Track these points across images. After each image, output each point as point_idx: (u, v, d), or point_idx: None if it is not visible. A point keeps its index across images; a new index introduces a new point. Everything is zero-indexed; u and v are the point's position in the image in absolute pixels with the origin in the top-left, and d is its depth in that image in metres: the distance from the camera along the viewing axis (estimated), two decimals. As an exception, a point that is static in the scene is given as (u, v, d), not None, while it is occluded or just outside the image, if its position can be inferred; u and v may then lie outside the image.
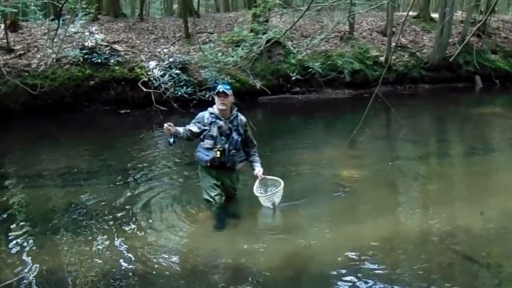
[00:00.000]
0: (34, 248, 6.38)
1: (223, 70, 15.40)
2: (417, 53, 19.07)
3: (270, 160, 9.35)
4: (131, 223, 7.00)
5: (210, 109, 7.19)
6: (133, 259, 5.98)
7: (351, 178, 8.81)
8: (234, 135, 7.13)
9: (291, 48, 17.18)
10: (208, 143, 7.12)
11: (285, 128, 13.04)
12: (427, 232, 6.63)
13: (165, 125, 7.09)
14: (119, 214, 7.26)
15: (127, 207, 7.54)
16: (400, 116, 12.50)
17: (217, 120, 7.10)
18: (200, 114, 7.25)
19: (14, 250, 6.30)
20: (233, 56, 15.27)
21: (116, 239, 6.50)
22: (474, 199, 7.64)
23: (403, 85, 18.24)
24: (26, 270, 5.78)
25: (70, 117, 13.58)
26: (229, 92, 7.04)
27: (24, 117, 13.23)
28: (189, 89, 14.60)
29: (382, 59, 18.05)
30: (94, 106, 14.56)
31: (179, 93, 14.49)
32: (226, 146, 7.07)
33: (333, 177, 8.90)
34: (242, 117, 7.27)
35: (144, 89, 14.57)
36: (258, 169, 7.33)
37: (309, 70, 16.44)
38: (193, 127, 7.17)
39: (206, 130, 7.12)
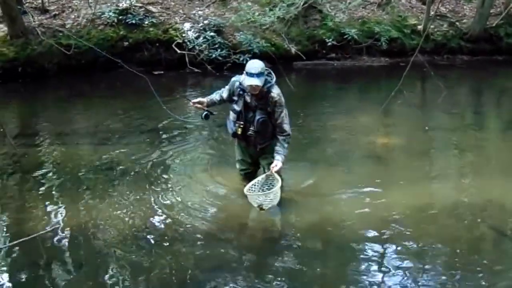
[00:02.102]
0: (65, 203, 6.52)
1: (258, 34, 15.25)
2: (457, 23, 18.60)
3: (304, 125, 9.29)
4: (161, 182, 7.06)
5: (240, 79, 6.32)
6: (162, 217, 6.09)
7: (385, 145, 8.72)
8: (257, 115, 6.22)
9: (329, 10, 16.90)
10: (232, 116, 6.43)
11: (320, 94, 12.90)
12: (459, 204, 6.57)
13: (191, 104, 6.74)
14: (149, 173, 7.34)
15: (158, 165, 7.61)
16: (437, 86, 12.29)
17: (245, 94, 6.28)
18: (233, 79, 6.45)
19: (46, 205, 6.45)
20: (270, 17, 15.08)
21: (146, 197, 6.57)
22: (510, 174, 7.48)
23: (440, 56, 17.85)
24: (57, 224, 5.92)
25: (103, 77, 13.59)
26: (262, 81, 6.06)
27: (58, 76, 13.30)
28: (223, 51, 14.47)
29: (420, 27, 17.66)
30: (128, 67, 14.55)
31: (213, 55, 14.37)
32: (248, 124, 6.32)
33: (366, 144, 8.79)
34: (274, 94, 6.17)
35: (178, 51, 14.48)
36: (275, 163, 6.18)
37: (345, 37, 16.17)
38: (225, 94, 6.53)
39: (234, 100, 6.41)
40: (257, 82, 6.00)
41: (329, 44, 16.07)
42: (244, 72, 6.12)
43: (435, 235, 5.73)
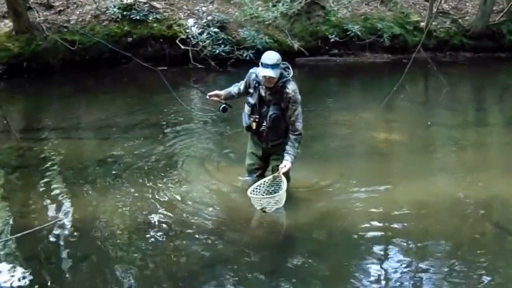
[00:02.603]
0: (69, 197, 6.58)
1: (262, 30, 15.29)
2: (459, 20, 18.59)
3: (306, 121, 9.25)
4: (164, 176, 7.08)
5: (256, 70, 6.07)
6: (165, 212, 6.09)
7: (387, 141, 8.75)
8: (270, 110, 5.98)
9: (332, 5, 16.91)
10: (246, 109, 6.19)
11: (322, 90, 12.92)
12: (461, 199, 6.57)
13: (207, 97, 6.48)
14: (153, 167, 7.37)
15: (161, 160, 7.64)
16: (439, 83, 12.31)
17: (260, 87, 6.02)
18: (250, 71, 6.18)
19: (50, 198, 6.49)
20: (273, 12, 15.12)
21: (149, 191, 6.59)
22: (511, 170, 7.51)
23: (443, 52, 17.85)
24: (61, 217, 5.95)
25: (107, 73, 13.64)
26: (277, 72, 5.78)
27: (63, 72, 13.35)
28: (227, 47, 14.51)
29: (423, 24, 17.65)
30: (131, 63, 14.57)
31: (217, 51, 14.40)
32: (262, 119, 6.08)
33: (368, 139, 8.85)
34: (289, 90, 5.88)
35: (182, 47, 14.52)
36: (284, 163, 5.92)
37: (348, 33, 16.18)
38: (242, 86, 6.28)
39: (249, 93, 6.16)
40: (271, 73, 5.72)
41: (332, 40, 16.08)
42: (260, 63, 5.86)
43: (437, 231, 5.75)
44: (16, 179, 7.19)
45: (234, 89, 6.38)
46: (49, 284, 4.82)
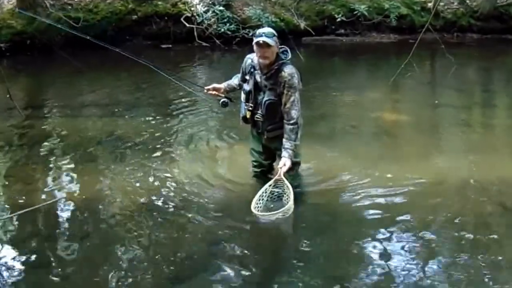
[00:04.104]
0: (71, 175, 6.54)
1: (268, 8, 15.18)
2: (467, 1, 18.45)
3: (312, 101, 9.26)
4: (167, 155, 7.07)
5: (251, 56, 5.60)
6: (168, 190, 6.05)
7: (393, 121, 8.70)
8: (265, 96, 5.45)
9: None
10: (242, 97, 5.67)
11: (328, 69, 12.86)
12: (466, 180, 6.49)
13: (204, 91, 6.01)
14: (156, 146, 7.34)
15: (164, 139, 7.63)
16: (447, 64, 12.22)
17: (255, 72, 5.52)
18: (247, 56, 5.68)
19: (52, 176, 6.48)
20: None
21: (152, 169, 6.56)
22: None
23: (450, 33, 17.73)
24: (63, 195, 5.95)
25: (111, 50, 13.53)
26: (272, 41, 5.24)
27: (66, 49, 13.26)
28: (232, 26, 14.45)
29: (430, 5, 17.53)
30: (136, 40, 14.51)
31: (222, 30, 14.35)
32: (257, 107, 5.57)
33: (374, 119, 8.79)
34: (285, 74, 5.34)
35: (187, 25, 14.46)
36: (282, 161, 5.39)
37: (355, 13, 16.10)
38: (240, 75, 5.80)
39: (246, 80, 5.63)
40: (265, 39, 5.19)
41: (339, 20, 16.00)
42: (254, 43, 5.35)
43: (442, 211, 5.68)
44: (19, 157, 7.13)
45: (234, 80, 5.95)
46: (49, 262, 4.78)
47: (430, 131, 8.42)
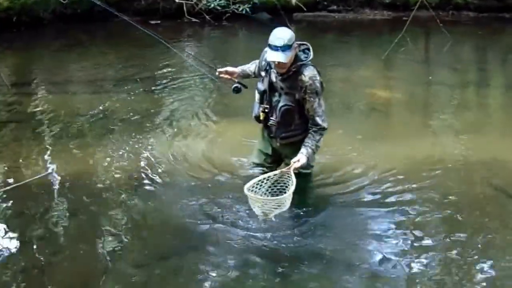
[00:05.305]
0: (60, 151, 6.52)
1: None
2: (463, -22, 18.35)
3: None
4: (156, 130, 7.08)
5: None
6: (157, 166, 6.04)
7: (386, 99, 8.64)
8: (282, 101, 4.91)
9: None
10: (256, 96, 5.14)
11: (319, 46, 12.56)
12: (460, 160, 6.43)
13: (217, 73, 5.43)
14: (146, 122, 7.35)
15: (153, 115, 7.64)
16: (441, 41, 12.16)
17: (271, 71, 4.98)
18: (265, 50, 4.96)
19: (41, 153, 6.46)
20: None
21: (141, 146, 6.56)
22: (512, 132, 7.39)
23: (445, 11, 17.61)
24: (51, 171, 5.95)
25: (99, 26, 13.43)
26: (289, 54, 4.67)
27: (53, 25, 13.17)
28: (222, 1, 14.24)
29: (425, -19, 17.43)
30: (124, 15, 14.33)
31: (212, 5, 14.15)
32: (272, 110, 5.05)
33: (366, 96, 8.70)
34: (305, 78, 4.78)
35: (176, 0, 14.29)
36: (298, 157, 4.85)
37: (348, -12, 16.00)
38: (256, 66, 5.30)
39: (261, 76, 5.13)
40: (280, 57, 4.65)
41: (331, -5, 15.85)
42: (268, 44, 4.77)
43: (435, 189, 5.63)
44: (6, 134, 7.12)
45: (251, 66, 5.40)
46: (37, 239, 4.77)
47: (423, 109, 8.39)
